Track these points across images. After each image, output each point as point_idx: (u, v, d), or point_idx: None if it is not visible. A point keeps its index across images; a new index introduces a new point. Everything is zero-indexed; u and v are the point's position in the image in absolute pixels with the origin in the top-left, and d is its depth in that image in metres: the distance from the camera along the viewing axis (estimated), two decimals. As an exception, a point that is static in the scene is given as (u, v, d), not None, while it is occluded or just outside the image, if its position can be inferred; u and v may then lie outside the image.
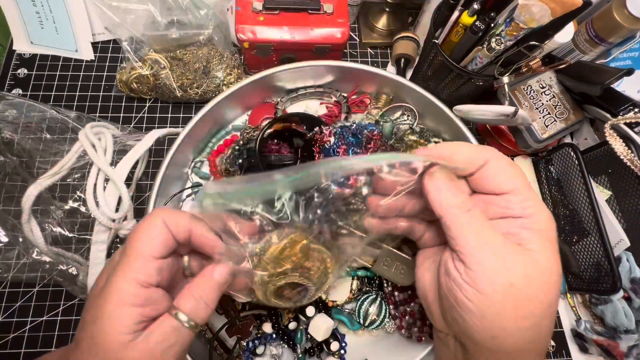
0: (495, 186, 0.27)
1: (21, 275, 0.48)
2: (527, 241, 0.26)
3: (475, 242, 0.25)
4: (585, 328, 0.53)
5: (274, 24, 0.57)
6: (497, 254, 0.24)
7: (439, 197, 0.27)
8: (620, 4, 0.50)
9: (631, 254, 0.51)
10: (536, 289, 0.24)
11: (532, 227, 0.26)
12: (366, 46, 0.71)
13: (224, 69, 0.61)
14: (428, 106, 0.56)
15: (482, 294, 0.24)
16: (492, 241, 0.25)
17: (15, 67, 0.64)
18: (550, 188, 0.61)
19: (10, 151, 0.48)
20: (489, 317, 0.24)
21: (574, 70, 0.54)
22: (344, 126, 0.53)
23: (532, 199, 0.27)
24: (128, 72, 0.60)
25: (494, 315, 0.24)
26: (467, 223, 0.25)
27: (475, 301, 0.24)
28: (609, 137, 0.49)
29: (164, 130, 0.53)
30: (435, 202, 0.27)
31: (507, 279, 0.24)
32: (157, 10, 0.59)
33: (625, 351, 0.49)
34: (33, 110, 0.51)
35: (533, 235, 0.26)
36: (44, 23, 0.64)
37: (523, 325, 0.24)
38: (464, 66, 0.53)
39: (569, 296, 0.57)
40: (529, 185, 0.28)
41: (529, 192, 0.27)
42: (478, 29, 0.47)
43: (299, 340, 0.46)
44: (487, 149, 0.29)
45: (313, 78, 0.59)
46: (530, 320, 0.24)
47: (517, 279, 0.24)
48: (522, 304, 0.24)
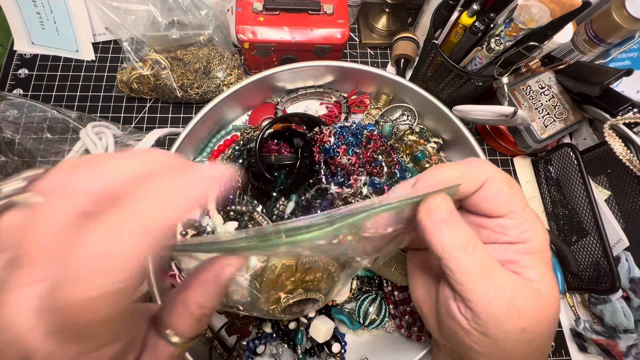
0: (491, 210, 0.25)
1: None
2: (527, 269, 0.24)
3: (484, 290, 0.23)
4: (584, 327, 0.53)
5: (274, 24, 0.57)
6: (509, 302, 0.23)
7: (439, 237, 0.23)
8: (619, 5, 0.51)
9: (630, 254, 0.51)
10: (545, 324, 0.24)
11: (530, 252, 0.24)
12: (366, 46, 0.72)
13: (224, 69, 0.62)
14: (428, 106, 0.56)
15: (492, 341, 0.23)
16: (502, 286, 0.23)
17: (16, 68, 0.64)
18: (549, 188, 0.61)
19: (11, 151, 0.48)
20: (497, 357, 0.24)
21: (573, 71, 0.55)
22: (343, 126, 0.53)
23: (529, 220, 0.25)
24: (129, 72, 0.60)
25: (502, 356, 0.23)
26: (474, 267, 0.23)
27: (484, 346, 0.23)
28: (608, 137, 0.50)
29: (165, 130, 0.53)
30: (436, 243, 0.23)
31: (519, 325, 0.23)
32: (158, 10, 0.59)
33: (624, 350, 0.49)
34: (34, 111, 0.51)
35: (532, 261, 0.24)
36: (44, 23, 0.64)
37: (530, 357, 0.24)
38: (464, 67, 0.53)
39: (568, 296, 0.57)
40: (525, 204, 0.25)
41: (525, 213, 0.25)
42: (477, 30, 0.47)
43: (299, 341, 0.46)
44: (483, 165, 0.26)
45: (313, 78, 0.59)
46: (537, 351, 0.24)
47: (528, 324, 0.23)
48: (532, 342, 0.23)
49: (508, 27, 0.45)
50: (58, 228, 0.13)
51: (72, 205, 0.14)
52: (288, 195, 0.53)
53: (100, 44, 0.67)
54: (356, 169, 0.51)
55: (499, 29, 0.47)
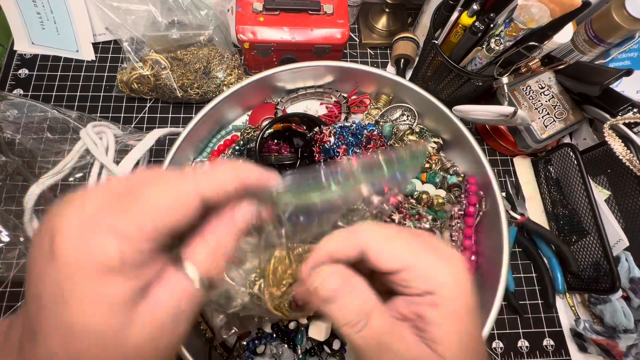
0: (385, 268, 0.22)
1: (22, 275, 0.48)
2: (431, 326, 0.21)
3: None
4: (584, 327, 0.53)
5: (274, 24, 0.57)
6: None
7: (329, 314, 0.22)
8: (619, 5, 0.51)
9: (630, 254, 0.51)
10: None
11: (435, 304, 0.21)
12: (366, 46, 0.72)
13: (224, 70, 0.62)
14: (427, 106, 0.56)
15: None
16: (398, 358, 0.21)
17: (16, 68, 0.64)
18: (549, 188, 0.61)
19: (12, 151, 0.48)
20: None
21: (573, 71, 0.55)
22: (343, 126, 0.53)
23: (430, 267, 0.22)
24: (129, 72, 0.60)
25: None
26: (366, 344, 0.21)
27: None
28: (608, 137, 0.50)
29: (166, 130, 0.53)
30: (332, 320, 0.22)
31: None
32: (158, 10, 0.59)
33: (624, 350, 0.49)
34: (34, 110, 0.51)
35: (437, 317, 0.21)
36: (44, 23, 0.64)
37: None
38: (464, 67, 0.53)
39: (568, 296, 0.57)
40: (423, 250, 0.23)
41: (424, 261, 0.22)
42: (477, 30, 0.47)
43: (299, 341, 0.46)
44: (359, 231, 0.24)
45: (313, 78, 0.59)
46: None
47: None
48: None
49: (508, 27, 0.46)
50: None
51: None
52: (288, 195, 0.53)
53: (100, 44, 0.67)
54: (356, 169, 0.51)
55: (499, 29, 0.47)
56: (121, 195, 0.18)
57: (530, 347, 0.55)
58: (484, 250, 0.52)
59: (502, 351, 0.55)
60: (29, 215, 0.43)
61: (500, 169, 0.65)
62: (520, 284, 0.58)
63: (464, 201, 0.53)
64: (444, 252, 0.23)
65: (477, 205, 0.53)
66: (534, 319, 0.56)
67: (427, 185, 0.56)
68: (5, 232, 0.46)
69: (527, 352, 0.55)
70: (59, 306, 0.16)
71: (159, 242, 0.18)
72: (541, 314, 0.57)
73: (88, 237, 0.16)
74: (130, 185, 0.18)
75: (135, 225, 0.17)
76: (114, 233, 0.16)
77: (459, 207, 0.53)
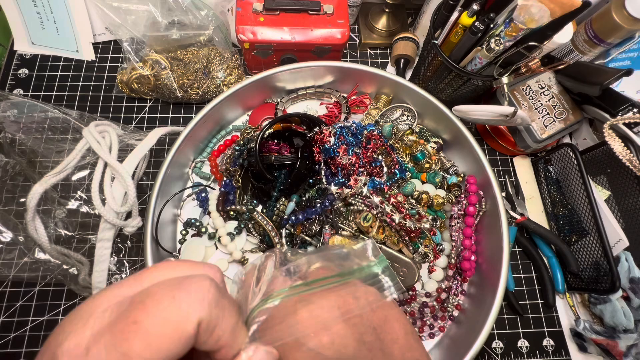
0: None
1: (22, 275, 0.48)
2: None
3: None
4: (584, 327, 0.53)
5: (274, 24, 0.57)
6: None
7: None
8: (619, 5, 0.51)
9: (630, 254, 0.51)
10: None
11: None
12: (366, 47, 0.72)
13: (224, 70, 0.62)
14: (427, 106, 0.56)
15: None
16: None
17: (16, 68, 0.64)
18: (549, 188, 0.62)
19: (14, 151, 0.48)
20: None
21: (573, 71, 0.55)
22: (343, 126, 0.53)
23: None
24: (129, 72, 0.60)
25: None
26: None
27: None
28: (607, 137, 0.50)
29: (168, 128, 0.53)
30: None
31: None
32: (158, 11, 0.59)
33: (624, 350, 0.49)
34: (35, 110, 0.51)
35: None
36: (44, 24, 0.64)
37: None
38: (464, 67, 0.53)
39: (568, 296, 0.57)
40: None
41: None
42: (477, 30, 0.47)
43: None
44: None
45: (313, 78, 0.60)
46: None
47: None
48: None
49: (508, 27, 0.46)
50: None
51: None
52: (288, 195, 0.53)
53: (100, 44, 0.67)
54: (356, 169, 0.51)
55: (499, 29, 0.47)
56: (117, 323, 0.17)
57: (530, 347, 0.55)
58: (484, 250, 0.52)
59: (502, 351, 0.55)
60: (31, 214, 0.43)
61: (500, 169, 0.65)
62: (520, 284, 0.58)
63: (463, 201, 0.53)
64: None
65: (477, 205, 0.53)
66: (534, 319, 0.56)
67: (427, 185, 0.56)
68: (5, 232, 0.46)
69: (527, 352, 0.55)
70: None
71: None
72: (541, 314, 0.57)
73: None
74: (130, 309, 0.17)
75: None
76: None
77: (459, 207, 0.53)
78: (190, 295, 0.17)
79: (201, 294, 0.18)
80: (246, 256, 0.52)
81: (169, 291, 0.17)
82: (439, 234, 0.55)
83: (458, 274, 0.53)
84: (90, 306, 0.18)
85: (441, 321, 0.51)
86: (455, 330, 0.51)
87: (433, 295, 0.53)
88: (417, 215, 0.50)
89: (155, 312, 0.16)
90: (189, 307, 0.17)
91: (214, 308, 0.18)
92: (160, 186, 0.49)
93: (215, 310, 0.18)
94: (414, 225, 0.49)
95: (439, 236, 0.55)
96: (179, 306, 0.17)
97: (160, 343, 0.16)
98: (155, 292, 0.17)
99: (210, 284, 0.18)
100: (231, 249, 0.50)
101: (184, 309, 0.17)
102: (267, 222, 0.50)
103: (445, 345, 0.50)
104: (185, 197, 0.56)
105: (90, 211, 0.49)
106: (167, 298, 0.17)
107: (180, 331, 0.16)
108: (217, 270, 0.21)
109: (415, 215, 0.50)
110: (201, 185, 0.56)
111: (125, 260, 0.54)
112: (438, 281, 0.54)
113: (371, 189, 0.49)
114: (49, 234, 0.46)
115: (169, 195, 0.51)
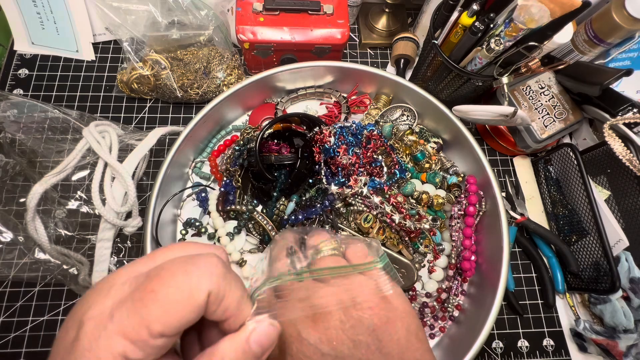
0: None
1: (22, 275, 0.48)
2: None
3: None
4: (584, 327, 0.53)
5: (274, 24, 0.57)
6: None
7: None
8: (619, 5, 0.51)
9: (630, 254, 0.51)
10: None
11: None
12: (366, 47, 0.72)
13: (224, 70, 0.62)
14: (427, 106, 0.56)
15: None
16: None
17: (16, 68, 0.64)
18: (549, 188, 0.62)
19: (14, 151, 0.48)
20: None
21: (573, 71, 0.55)
22: (343, 126, 0.53)
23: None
24: (129, 72, 0.60)
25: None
26: None
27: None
28: (607, 138, 0.50)
29: (168, 128, 0.53)
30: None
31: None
32: (158, 11, 0.59)
33: (624, 350, 0.49)
34: (35, 110, 0.51)
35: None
36: (44, 24, 0.64)
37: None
38: (464, 67, 0.53)
39: (568, 296, 0.57)
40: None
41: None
42: (477, 30, 0.47)
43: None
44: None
45: (313, 78, 0.60)
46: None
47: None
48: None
49: (508, 27, 0.46)
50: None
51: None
52: (288, 195, 0.53)
53: (100, 44, 0.67)
54: (356, 169, 0.51)
55: (499, 29, 0.47)
56: (137, 292, 0.18)
57: (530, 347, 0.55)
58: (484, 250, 0.52)
59: (502, 351, 0.55)
60: (31, 214, 0.43)
61: (500, 169, 0.65)
62: (520, 284, 0.58)
63: (463, 201, 0.53)
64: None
65: (477, 205, 0.53)
66: (534, 319, 0.56)
67: (427, 185, 0.56)
68: (5, 232, 0.46)
69: (527, 352, 0.55)
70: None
71: (167, 341, 0.19)
72: (541, 314, 0.57)
73: (101, 335, 0.18)
74: (147, 281, 0.19)
75: (143, 329, 0.18)
76: (123, 335, 0.17)
77: (459, 207, 0.53)
78: (200, 269, 0.19)
79: (210, 269, 0.20)
80: (244, 257, 0.52)
81: (181, 266, 0.19)
82: (439, 234, 0.55)
83: (458, 274, 0.53)
84: (109, 281, 0.20)
85: (441, 321, 0.51)
86: (455, 331, 0.51)
87: (433, 296, 0.53)
88: (417, 216, 0.50)
89: (170, 282, 0.18)
90: (199, 280, 0.19)
91: (221, 281, 0.20)
92: (160, 186, 0.49)
93: (222, 283, 0.20)
94: (414, 225, 0.49)
95: (439, 236, 0.55)
96: (191, 278, 0.19)
97: (175, 309, 0.18)
98: (169, 267, 0.19)
99: (217, 260, 0.20)
100: (230, 249, 0.50)
101: (195, 281, 0.19)
102: (267, 222, 0.50)
103: (445, 345, 0.50)
104: (185, 197, 0.56)
105: (90, 211, 0.49)
106: (180, 271, 0.19)
107: (193, 300, 0.18)
108: (223, 251, 0.23)
109: (415, 215, 0.50)
110: (201, 185, 0.56)
111: (125, 261, 0.54)
112: (438, 281, 0.54)
113: (371, 189, 0.49)
114: (49, 234, 0.46)
115: (169, 195, 0.51)
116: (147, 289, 0.18)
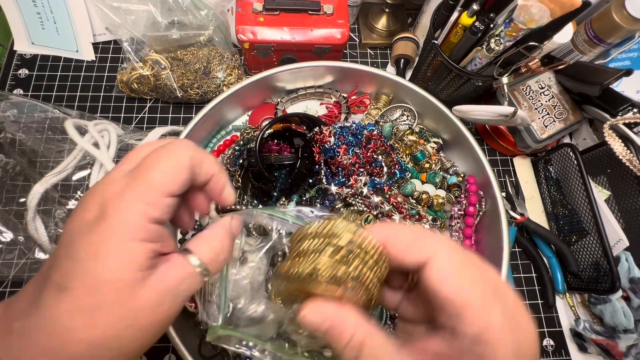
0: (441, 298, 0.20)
1: (22, 275, 0.48)
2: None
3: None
4: (584, 327, 0.53)
5: (274, 24, 0.57)
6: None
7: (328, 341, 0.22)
8: (619, 5, 0.51)
9: (630, 254, 0.51)
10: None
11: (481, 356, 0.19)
12: (366, 47, 0.72)
13: (224, 70, 0.62)
14: (427, 106, 0.56)
15: None
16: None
17: (16, 68, 0.64)
18: (549, 188, 0.62)
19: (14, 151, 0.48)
20: None
21: (573, 71, 0.55)
22: (343, 126, 0.53)
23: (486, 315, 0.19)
24: (129, 72, 0.60)
25: None
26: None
27: None
28: (607, 138, 0.50)
29: (168, 128, 0.53)
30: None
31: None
32: (158, 11, 0.59)
33: (624, 350, 0.49)
34: (35, 110, 0.51)
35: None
36: (44, 23, 0.64)
37: None
38: (464, 67, 0.53)
39: (568, 296, 0.57)
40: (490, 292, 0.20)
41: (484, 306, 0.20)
42: (477, 30, 0.47)
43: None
44: (432, 237, 0.22)
45: (313, 78, 0.60)
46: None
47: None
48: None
49: (508, 27, 0.46)
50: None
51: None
52: (288, 196, 0.53)
53: (100, 44, 0.67)
54: (356, 169, 0.51)
55: (499, 29, 0.47)
56: (137, 174, 0.23)
57: (530, 347, 0.55)
58: (484, 250, 0.52)
59: (502, 351, 0.55)
60: (32, 213, 0.43)
61: (500, 169, 0.65)
62: (520, 284, 0.58)
63: (463, 201, 0.53)
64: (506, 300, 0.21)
65: (477, 205, 0.53)
66: (534, 319, 0.56)
67: (427, 185, 0.56)
68: (5, 232, 0.46)
69: (527, 352, 0.55)
70: (91, 263, 0.20)
71: (173, 201, 0.23)
72: (541, 314, 0.57)
73: (123, 203, 0.21)
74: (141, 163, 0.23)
75: (154, 191, 0.22)
76: (141, 200, 0.22)
77: (459, 207, 0.53)
78: (177, 146, 0.24)
79: (185, 143, 0.25)
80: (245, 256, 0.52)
81: (162, 149, 0.24)
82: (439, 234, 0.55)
83: (458, 274, 0.53)
84: (106, 179, 0.23)
85: (441, 321, 0.51)
86: (455, 330, 0.51)
87: (433, 295, 0.53)
88: (417, 216, 0.50)
89: (160, 157, 0.23)
90: (180, 150, 0.24)
91: (196, 149, 0.25)
92: (160, 186, 0.49)
93: (198, 151, 0.25)
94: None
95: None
96: (174, 152, 0.24)
97: (169, 172, 0.23)
98: (152, 154, 0.24)
99: (187, 140, 0.26)
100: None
101: (177, 151, 0.24)
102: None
103: (445, 345, 0.50)
104: (185, 197, 0.56)
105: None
106: (164, 150, 0.24)
107: (181, 164, 0.24)
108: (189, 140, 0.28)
109: (415, 215, 0.50)
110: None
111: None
112: (438, 281, 0.54)
113: (371, 189, 0.49)
114: (50, 233, 0.46)
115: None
116: (143, 166, 0.23)
